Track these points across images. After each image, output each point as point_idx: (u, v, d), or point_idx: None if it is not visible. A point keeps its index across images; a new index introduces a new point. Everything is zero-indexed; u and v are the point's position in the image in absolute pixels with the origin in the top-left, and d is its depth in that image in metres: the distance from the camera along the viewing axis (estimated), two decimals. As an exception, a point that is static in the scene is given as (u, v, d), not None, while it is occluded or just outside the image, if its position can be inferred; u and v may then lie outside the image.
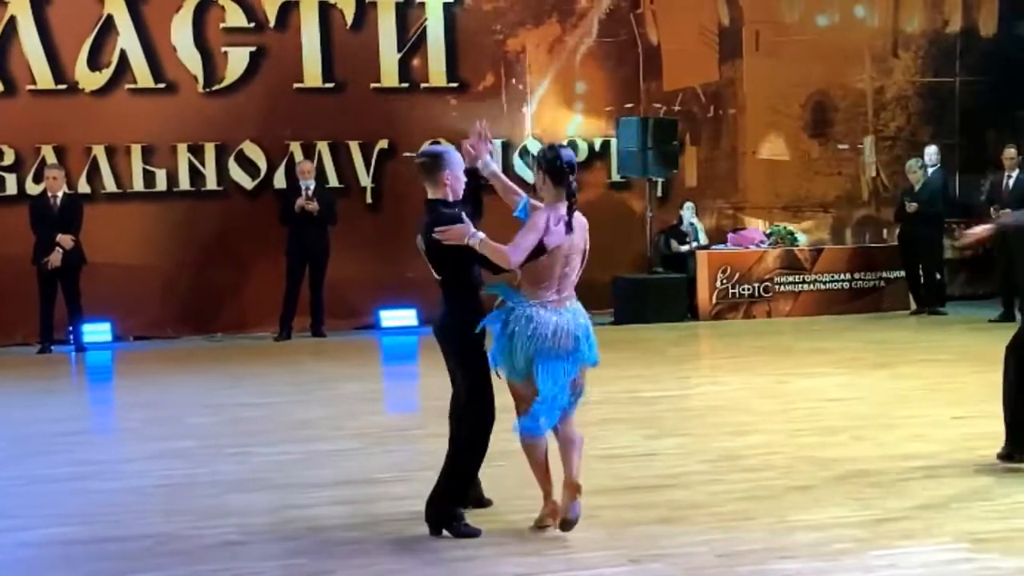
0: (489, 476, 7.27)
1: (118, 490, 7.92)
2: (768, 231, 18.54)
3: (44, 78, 16.95)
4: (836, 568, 5.86)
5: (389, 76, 18.09)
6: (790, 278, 18.02)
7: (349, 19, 17.89)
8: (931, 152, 18.16)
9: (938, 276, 17.89)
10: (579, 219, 6.81)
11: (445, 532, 6.57)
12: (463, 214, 6.69)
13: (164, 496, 7.76)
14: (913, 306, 17.90)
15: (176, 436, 9.80)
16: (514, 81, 18.59)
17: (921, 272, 17.71)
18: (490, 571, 5.95)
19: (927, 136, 19.81)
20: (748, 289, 17.86)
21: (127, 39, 17.13)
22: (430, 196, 6.80)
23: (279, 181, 17.59)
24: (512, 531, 6.60)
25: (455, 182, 6.75)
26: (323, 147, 17.81)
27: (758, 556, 6.05)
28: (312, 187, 16.77)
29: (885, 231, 18.91)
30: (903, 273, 18.04)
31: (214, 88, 17.48)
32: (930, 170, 17.93)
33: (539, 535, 6.57)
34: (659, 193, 18.90)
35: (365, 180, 18.01)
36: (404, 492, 7.56)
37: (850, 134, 19.87)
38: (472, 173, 6.99)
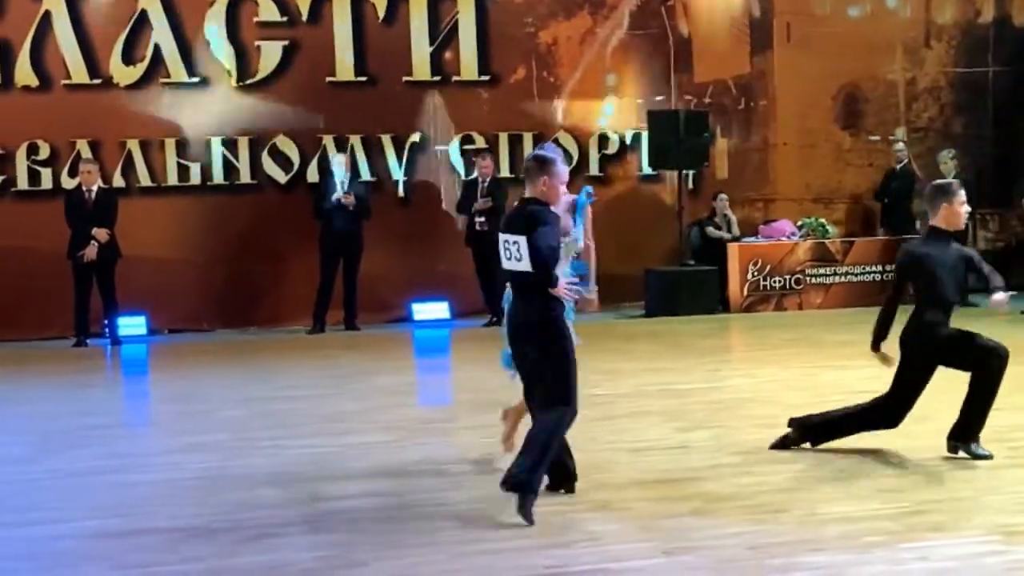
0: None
1: (152, 483, 7.99)
2: (799, 223, 18.50)
3: (79, 73, 17.08)
4: (867, 560, 5.85)
5: (421, 69, 18.14)
6: (821, 270, 17.99)
7: (381, 13, 17.95)
8: (898, 147, 18.42)
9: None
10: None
11: (514, 499, 6.65)
12: (556, 217, 7.09)
13: (198, 489, 7.82)
14: (945, 298, 17.82)
15: (209, 429, 9.88)
16: (545, 74, 18.61)
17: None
18: (521, 563, 5.97)
19: (959, 127, 19.76)
20: (779, 281, 17.85)
21: (161, 33, 17.24)
22: (526, 195, 7.14)
23: (312, 175, 17.68)
24: (544, 524, 6.62)
25: (550, 189, 7.08)
26: (355, 140, 17.88)
27: (789, 548, 6.06)
28: (347, 180, 16.82)
29: (918, 222, 18.86)
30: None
31: (247, 82, 17.58)
32: (898, 166, 18.22)
33: (569, 526, 6.59)
34: (690, 186, 18.91)
35: (397, 174, 18.07)
36: (436, 485, 7.60)
37: (881, 125, 19.82)
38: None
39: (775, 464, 7.93)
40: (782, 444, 8.37)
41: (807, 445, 8.37)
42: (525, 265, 6.93)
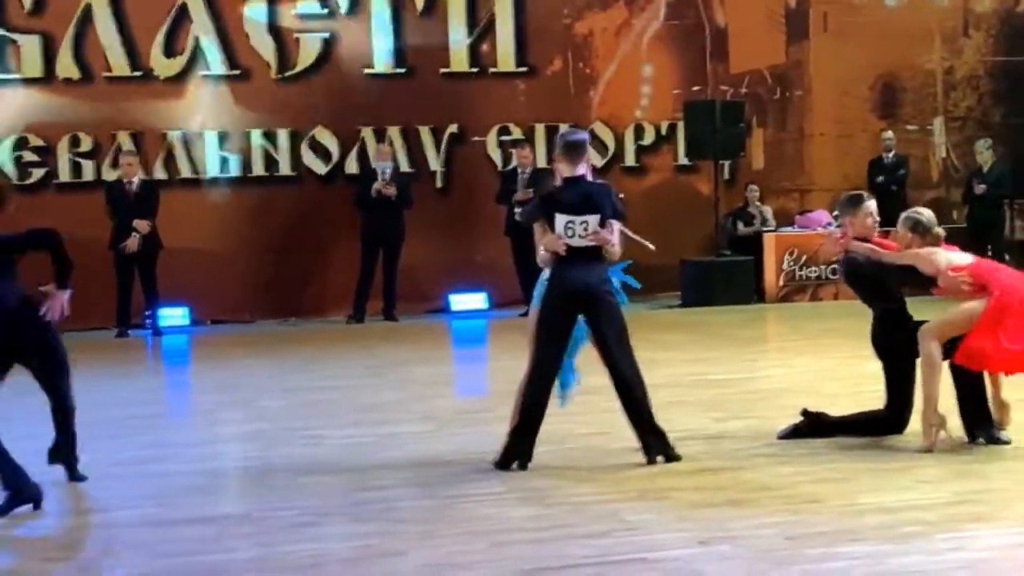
0: (559, 456, 7.33)
1: (193, 472, 8.04)
2: (835, 213, 18.40)
3: (120, 65, 17.21)
4: (904, 551, 5.86)
5: (459, 61, 18.18)
6: (858, 260, 17.90)
7: (419, 4, 17.99)
8: (887, 136, 18.54)
9: (1006, 257, 17.76)
10: None
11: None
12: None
13: (238, 478, 7.90)
14: (982, 287, 17.75)
15: (250, 419, 9.94)
16: (581, 65, 18.63)
17: (990, 254, 17.56)
18: (559, 552, 6.00)
19: (998, 116, 19.66)
20: (815, 271, 17.81)
21: (201, 26, 17.35)
22: (570, 174, 7.78)
23: (351, 166, 17.77)
24: (581, 513, 6.66)
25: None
26: (394, 132, 17.95)
27: (827, 539, 6.07)
28: (389, 170, 16.88)
29: (955, 212, 18.79)
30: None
31: (287, 74, 17.66)
32: (888, 155, 18.10)
33: (606, 515, 6.62)
34: (726, 176, 18.88)
35: (435, 165, 18.13)
36: (473, 475, 7.65)
37: (919, 115, 19.73)
38: None
39: (812, 454, 7.94)
40: (793, 434, 8.39)
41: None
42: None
